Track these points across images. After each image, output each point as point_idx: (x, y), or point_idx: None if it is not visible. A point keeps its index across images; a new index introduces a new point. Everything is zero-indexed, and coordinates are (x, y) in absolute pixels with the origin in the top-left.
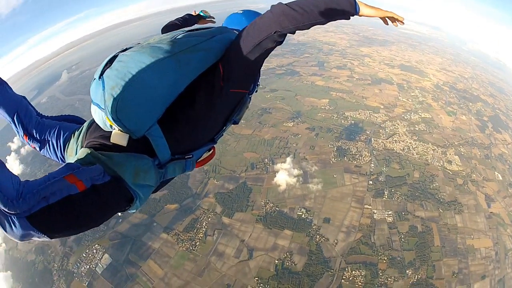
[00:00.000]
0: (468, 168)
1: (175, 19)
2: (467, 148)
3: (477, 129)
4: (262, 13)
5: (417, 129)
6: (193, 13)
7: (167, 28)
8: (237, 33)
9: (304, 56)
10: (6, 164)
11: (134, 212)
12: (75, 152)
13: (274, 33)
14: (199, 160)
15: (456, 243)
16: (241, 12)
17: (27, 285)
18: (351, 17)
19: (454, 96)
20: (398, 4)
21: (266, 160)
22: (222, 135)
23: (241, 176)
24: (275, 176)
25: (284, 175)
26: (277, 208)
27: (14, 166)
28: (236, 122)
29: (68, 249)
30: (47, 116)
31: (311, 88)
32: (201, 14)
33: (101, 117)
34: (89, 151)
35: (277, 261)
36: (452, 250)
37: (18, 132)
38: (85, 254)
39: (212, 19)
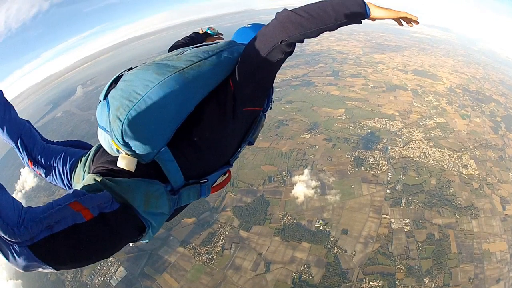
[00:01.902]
0: (483, 171)
1: (182, 39)
2: (482, 150)
3: (491, 130)
4: None
5: (432, 134)
6: (200, 31)
7: (174, 48)
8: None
9: (319, 66)
10: (20, 177)
11: (147, 242)
12: (82, 178)
13: (281, 42)
14: (215, 185)
15: (473, 249)
16: (249, 26)
17: None
18: (362, 21)
19: (467, 99)
20: (407, 7)
21: (283, 172)
22: (238, 157)
23: (258, 189)
24: (293, 188)
25: (302, 187)
26: (295, 221)
27: (29, 179)
28: (251, 143)
29: None
30: (52, 141)
31: (327, 98)
32: (208, 31)
33: (107, 140)
34: (95, 177)
35: (294, 274)
36: (469, 255)
37: (22, 157)
38: (100, 267)
39: (220, 36)
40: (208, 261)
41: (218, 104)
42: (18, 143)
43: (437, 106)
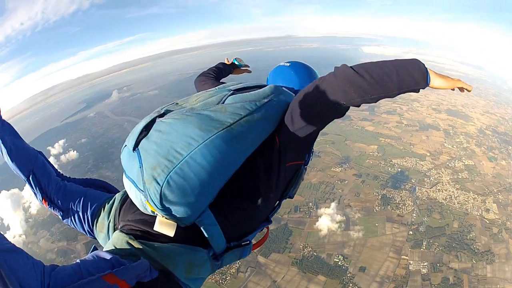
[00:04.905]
0: (504, 216)
1: (209, 69)
2: (505, 194)
3: None
4: (311, 66)
5: (460, 177)
6: (226, 62)
7: (201, 80)
8: (291, 93)
9: None
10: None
11: None
12: (106, 229)
13: (337, 105)
14: (253, 242)
15: None
16: (288, 64)
17: None
18: (421, 89)
19: (495, 140)
20: (442, 44)
21: (310, 204)
22: (276, 212)
23: (283, 217)
24: (318, 220)
25: (327, 220)
26: (315, 253)
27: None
28: (291, 197)
29: None
30: (69, 177)
31: (361, 133)
32: (236, 62)
33: (140, 199)
34: (128, 240)
35: None
36: None
37: (35, 194)
38: None
39: (247, 68)
40: (221, 281)
41: (262, 160)
42: (31, 179)
43: (467, 148)
